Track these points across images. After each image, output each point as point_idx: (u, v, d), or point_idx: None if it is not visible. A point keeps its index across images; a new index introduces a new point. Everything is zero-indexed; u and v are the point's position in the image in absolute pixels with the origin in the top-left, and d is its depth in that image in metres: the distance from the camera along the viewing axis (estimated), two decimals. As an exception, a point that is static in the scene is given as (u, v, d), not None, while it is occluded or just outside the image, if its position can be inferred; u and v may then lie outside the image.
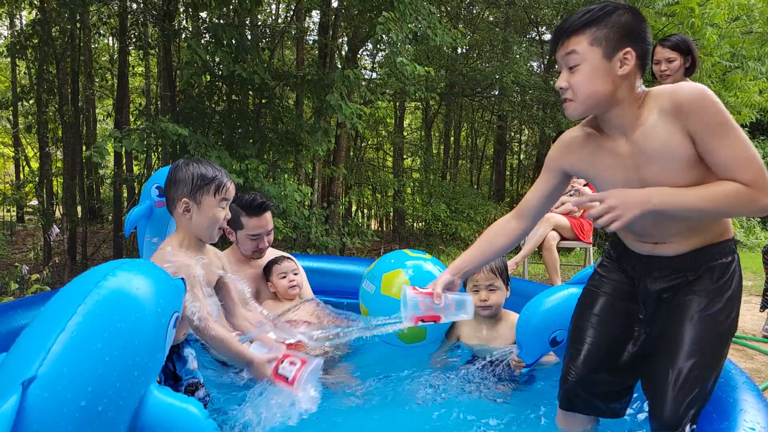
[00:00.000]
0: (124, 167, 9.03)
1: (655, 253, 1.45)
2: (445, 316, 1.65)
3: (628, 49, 1.30)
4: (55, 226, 4.85)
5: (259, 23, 7.65)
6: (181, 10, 6.53)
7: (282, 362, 1.61)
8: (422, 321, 1.64)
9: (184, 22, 6.91)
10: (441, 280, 1.66)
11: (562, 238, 4.36)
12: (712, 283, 1.41)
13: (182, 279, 1.40)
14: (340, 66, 7.10)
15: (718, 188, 1.27)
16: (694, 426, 1.39)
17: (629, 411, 1.88)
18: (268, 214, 2.57)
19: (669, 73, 2.92)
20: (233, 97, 6.21)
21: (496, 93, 10.78)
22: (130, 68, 8.74)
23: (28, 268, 4.16)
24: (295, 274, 2.62)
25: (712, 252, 1.41)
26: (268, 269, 2.65)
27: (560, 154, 1.52)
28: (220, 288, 1.82)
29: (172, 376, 1.69)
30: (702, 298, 1.40)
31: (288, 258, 2.68)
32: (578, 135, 1.48)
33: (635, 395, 1.66)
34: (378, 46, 7.61)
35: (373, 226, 13.37)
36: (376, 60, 10.12)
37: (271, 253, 2.74)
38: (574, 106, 1.35)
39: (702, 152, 1.28)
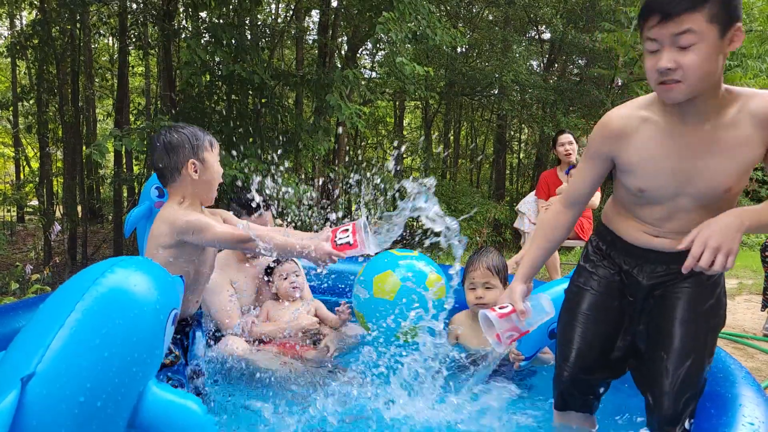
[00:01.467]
0: (124, 167, 9.04)
1: (653, 246, 1.43)
2: (530, 325, 1.61)
3: (739, 24, 1.20)
4: (56, 223, 4.85)
5: (259, 23, 7.66)
6: (181, 10, 6.54)
7: (335, 236, 1.65)
8: (515, 340, 1.61)
9: (184, 21, 6.92)
10: (518, 293, 1.55)
11: (562, 237, 4.36)
12: (705, 280, 1.43)
13: (181, 276, 1.40)
14: (339, 65, 7.10)
15: None
16: (692, 420, 1.42)
17: (626, 408, 1.89)
18: (269, 214, 2.58)
19: None
20: (233, 96, 6.22)
21: (496, 92, 10.79)
22: (130, 68, 8.76)
23: (31, 267, 4.16)
24: (297, 275, 2.63)
25: None
26: (270, 269, 2.66)
27: (609, 140, 1.37)
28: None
29: (183, 354, 1.69)
30: (696, 295, 1.43)
31: (291, 259, 2.68)
32: (631, 119, 1.34)
33: (631, 393, 1.66)
34: (378, 46, 7.62)
35: (373, 226, 13.35)
36: (375, 59, 10.13)
37: None
38: (682, 88, 1.22)
39: None
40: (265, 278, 2.66)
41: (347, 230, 1.66)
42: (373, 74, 9.39)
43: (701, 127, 1.29)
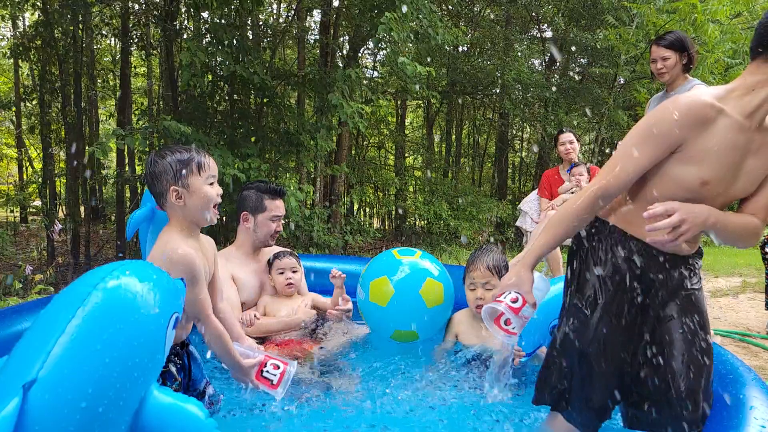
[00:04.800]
0: (127, 167, 9.07)
1: (676, 251, 1.46)
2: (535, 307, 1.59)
3: None
4: (57, 222, 4.87)
5: (261, 23, 7.66)
6: (183, 10, 6.54)
7: (266, 365, 1.66)
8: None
9: (186, 22, 6.92)
10: (530, 284, 1.51)
11: (565, 236, 4.33)
12: (699, 281, 1.52)
13: (182, 279, 1.40)
14: (341, 65, 7.10)
15: (746, 220, 1.39)
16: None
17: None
18: (282, 201, 2.69)
19: (665, 70, 2.94)
20: (234, 96, 6.22)
21: (498, 91, 10.77)
22: (133, 68, 8.77)
23: (32, 267, 4.18)
24: (294, 272, 2.65)
25: (699, 253, 1.53)
26: (270, 263, 2.68)
27: (689, 126, 1.31)
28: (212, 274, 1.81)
29: (188, 375, 1.70)
30: (697, 297, 1.50)
31: (291, 254, 2.70)
32: (713, 108, 1.32)
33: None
34: (379, 45, 7.62)
35: (375, 225, 13.39)
36: (377, 59, 10.12)
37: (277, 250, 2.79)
38: None
39: (765, 178, 1.37)
40: (269, 273, 2.69)
41: (278, 367, 1.67)
42: (375, 74, 9.39)
43: (758, 128, 1.34)
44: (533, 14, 10.83)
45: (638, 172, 1.37)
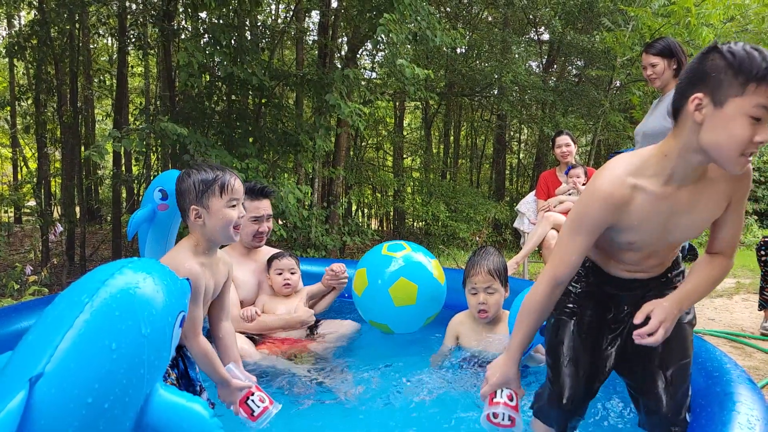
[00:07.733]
0: (123, 168, 9.04)
1: (635, 278, 1.53)
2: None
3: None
4: (58, 224, 4.85)
5: (259, 24, 7.66)
6: (181, 10, 6.53)
7: (253, 395, 1.65)
8: None
9: (184, 22, 6.91)
10: (518, 379, 1.56)
11: (562, 237, 4.35)
12: (677, 283, 1.55)
13: (187, 279, 1.41)
14: (339, 66, 7.11)
15: (713, 273, 1.44)
16: (690, 412, 1.50)
17: (617, 411, 1.91)
18: (268, 201, 2.68)
19: (655, 76, 3.03)
20: (233, 97, 6.22)
21: (495, 92, 10.81)
22: (130, 68, 8.75)
23: (31, 268, 4.16)
24: (292, 273, 2.67)
25: (678, 262, 1.58)
26: (269, 263, 2.71)
27: (613, 210, 1.36)
28: (221, 292, 1.82)
29: (185, 376, 1.70)
30: None
31: (289, 255, 2.72)
32: (627, 188, 1.35)
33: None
34: (378, 47, 7.63)
35: (373, 226, 13.39)
36: (375, 60, 10.13)
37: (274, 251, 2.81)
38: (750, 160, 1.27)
39: (721, 218, 1.40)
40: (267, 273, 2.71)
41: (264, 400, 1.66)
42: (373, 75, 9.40)
43: (685, 188, 1.35)
44: (530, 17, 10.89)
45: (582, 255, 1.45)
